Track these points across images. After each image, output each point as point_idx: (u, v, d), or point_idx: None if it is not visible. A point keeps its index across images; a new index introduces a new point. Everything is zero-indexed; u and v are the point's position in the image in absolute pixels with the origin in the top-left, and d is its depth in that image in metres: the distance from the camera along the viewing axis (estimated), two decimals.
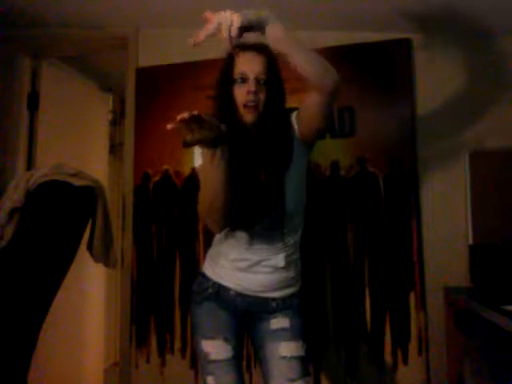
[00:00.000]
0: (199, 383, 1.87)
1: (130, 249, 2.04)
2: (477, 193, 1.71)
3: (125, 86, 2.16)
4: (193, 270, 1.92)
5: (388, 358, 1.71)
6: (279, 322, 1.21)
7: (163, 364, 1.94)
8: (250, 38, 1.11)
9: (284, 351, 1.17)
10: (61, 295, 1.48)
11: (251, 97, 1.14)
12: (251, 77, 1.15)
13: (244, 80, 1.16)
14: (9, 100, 2.24)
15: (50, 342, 1.98)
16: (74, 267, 1.49)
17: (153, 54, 2.11)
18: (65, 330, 2.29)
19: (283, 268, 1.22)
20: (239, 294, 1.22)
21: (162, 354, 1.95)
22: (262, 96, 1.16)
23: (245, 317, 1.24)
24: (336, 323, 1.77)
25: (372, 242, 1.77)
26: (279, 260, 1.21)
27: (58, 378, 2.24)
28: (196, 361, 1.89)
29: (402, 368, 1.70)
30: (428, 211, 1.75)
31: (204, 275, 1.28)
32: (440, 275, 1.71)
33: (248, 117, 1.16)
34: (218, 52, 1.21)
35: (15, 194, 1.36)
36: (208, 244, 1.35)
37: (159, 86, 2.05)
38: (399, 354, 1.71)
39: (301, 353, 1.19)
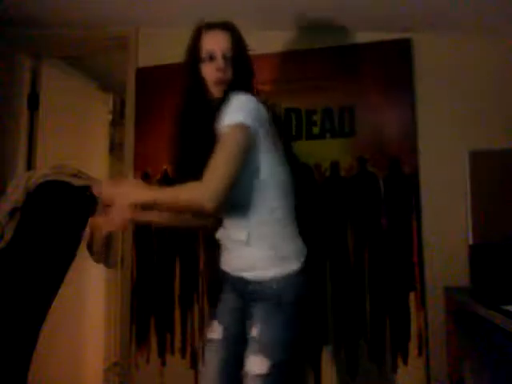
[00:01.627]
0: (199, 383, 1.86)
1: (130, 249, 2.04)
2: (477, 193, 1.71)
3: (125, 86, 2.16)
4: (193, 269, 1.92)
5: (388, 357, 1.71)
6: (251, 328, 1.11)
7: (163, 364, 1.94)
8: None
9: (248, 365, 1.07)
10: (61, 295, 1.48)
11: (220, 74, 1.17)
12: (219, 54, 1.18)
13: (212, 58, 1.18)
14: (9, 100, 2.24)
15: (50, 341, 1.98)
16: (73, 267, 1.50)
17: (153, 53, 2.11)
18: (65, 330, 2.29)
19: (246, 242, 1.14)
20: (227, 274, 1.25)
21: (162, 354, 1.95)
22: (229, 72, 1.18)
23: (243, 301, 1.21)
24: (336, 323, 1.77)
25: (372, 242, 1.77)
26: (242, 233, 1.14)
27: (58, 378, 2.24)
28: (196, 361, 1.89)
29: (402, 368, 1.70)
30: (428, 211, 1.75)
31: None
32: (440, 275, 1.71)
33: (217, 92, 1.19)
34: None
35: (15, 194, 1.36)
36: (208, 243, 1.35)
37: (159, 86, 2.05)
38: (399, 353, 1.71)
39: (264, 370, 1.03)
